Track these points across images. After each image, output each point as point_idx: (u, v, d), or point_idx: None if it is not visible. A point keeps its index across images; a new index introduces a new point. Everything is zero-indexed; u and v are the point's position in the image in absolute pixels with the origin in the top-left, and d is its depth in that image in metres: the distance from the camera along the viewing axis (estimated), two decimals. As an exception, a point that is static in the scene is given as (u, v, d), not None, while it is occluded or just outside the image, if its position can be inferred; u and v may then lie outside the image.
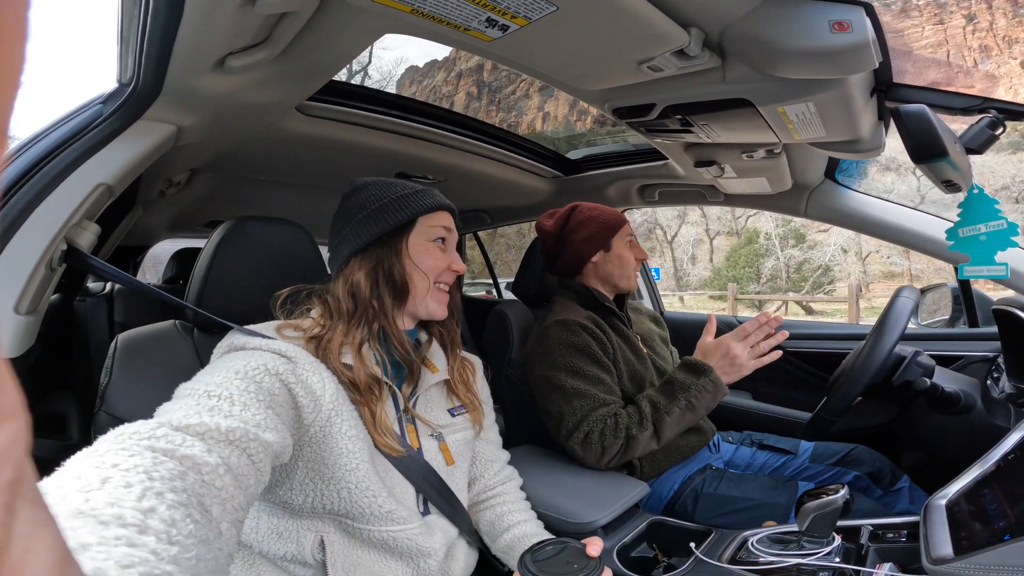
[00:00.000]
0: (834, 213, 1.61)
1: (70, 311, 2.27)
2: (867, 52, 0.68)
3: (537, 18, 0.66)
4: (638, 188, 1.95)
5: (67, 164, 0.90)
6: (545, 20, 0.66)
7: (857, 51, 0.68)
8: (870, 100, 0.94)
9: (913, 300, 1.17)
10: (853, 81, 0.81)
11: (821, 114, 0.92)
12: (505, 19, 0.66)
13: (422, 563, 0.75)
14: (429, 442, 0.82)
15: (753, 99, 0.88)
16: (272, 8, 0.60)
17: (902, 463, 1.33)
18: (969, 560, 0.63)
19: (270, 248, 0.97)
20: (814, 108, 0.88)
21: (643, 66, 0.80)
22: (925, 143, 0.74)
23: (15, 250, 0.86)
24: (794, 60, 0.73)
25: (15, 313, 0.87)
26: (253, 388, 0.59)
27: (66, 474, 0.37)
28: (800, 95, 0.84)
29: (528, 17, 0.66)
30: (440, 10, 0.64)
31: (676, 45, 0.73)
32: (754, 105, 0.90)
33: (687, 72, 0.83)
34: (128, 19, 0.74)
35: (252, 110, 1.06)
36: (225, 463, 0.47)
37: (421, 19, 0.66)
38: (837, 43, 0.67)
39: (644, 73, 0.83)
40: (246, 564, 0.72)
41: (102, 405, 0.83)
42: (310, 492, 0.68)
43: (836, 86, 0.81)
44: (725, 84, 0.87)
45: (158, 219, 2.47)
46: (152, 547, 0.32)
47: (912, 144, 0.75)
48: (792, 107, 0.89)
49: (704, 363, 1.14)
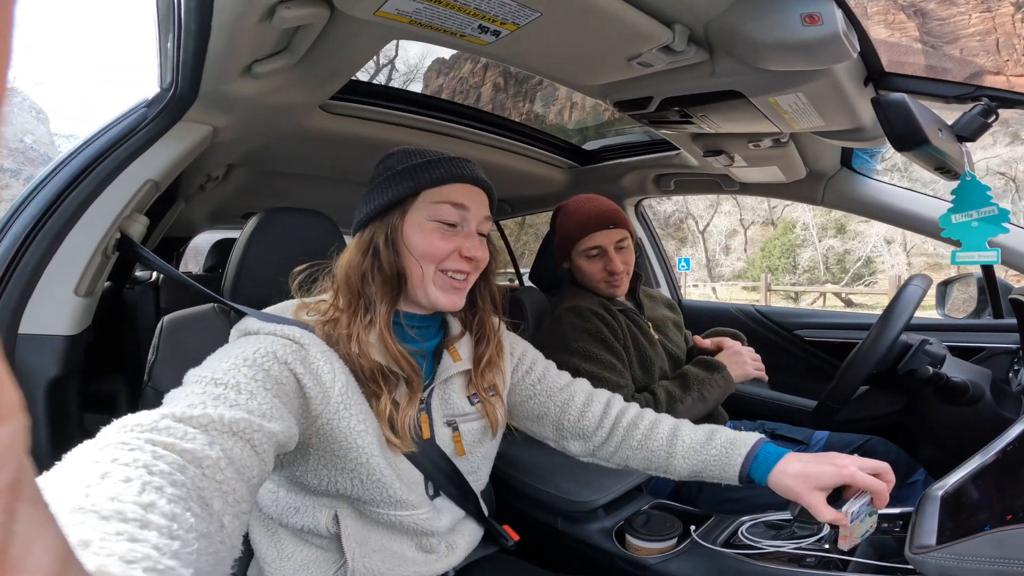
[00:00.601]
0: (852, 202, 1.60)
1: (120, 298, 2.45)
2: (839, 44, 0.71)
3: (524, 23, 0.72)
4: (653, 178, 1.97)
5: (119, 162, 1.01)
6: (531, 25, 0.72)
7: (830, 43, 0.71)
8: (865, 89, 0.95)
9: (922, 288, 1.16)
10: (840, 71, 0.84)
11: (814, 104, 0.94)
12: (495, 25, 0.72)
13: (425, 540, 0.77)
14: (443, 430, 0.79)
15: (743, 91, 0.92)
16: (287, 23, 0.68)
17: (919, 456, 1.32)
18: (947, 550, 0.63)
19: (299, 237, 1.03)
20: (805, 98, 0.91)
21: (633, 62, 0.85)
22: (906, 131, 0.76)
23: (75, 239, 0.98)
24: (772, 53, 0.76)
25: (75, 295, 0.99)
26: (260, 376, 0.57)
27: (66, 468, 0.37)
28: (788, 86, 0.87)
29: (516, 23, 0.72)
30: (436, 20, 0.70)
31: (661, 42, 0.78)
32: (745, 96, 0.93)
33: (676, 66, 0.87)
34: (164, 32, 0.84)
35: (279, 110, 1.15)
36: (227, 456, 0.47)
37: (420, 28, 0.73)
38: (809, 35, 0.70)
39: (636, 68, 0.87)
40: (268, 532, 0.75)
41: (149, 380, 0.92)
42: (323, 477, 0.68)
43: (822, 76, 0.84)
44: (715, 77, 0.90)
45: (199, 212, 2.62)
46: (154, 542, 0.32)
47: (892, 132, 0.78)
48: (783, 98, 0.92)
49: (718, 361, 1.29)
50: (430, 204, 0.72)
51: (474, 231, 0.75)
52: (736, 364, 1.30)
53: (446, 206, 0.72)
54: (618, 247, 1.35)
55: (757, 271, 18.68)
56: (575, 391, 0.91)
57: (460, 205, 0.73)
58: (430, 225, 0.72)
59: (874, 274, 17.65)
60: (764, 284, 14.70)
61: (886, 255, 17.66)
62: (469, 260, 0.74)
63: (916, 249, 17.40)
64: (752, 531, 0.93)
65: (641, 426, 0.87)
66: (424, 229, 0.72)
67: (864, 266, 17.76)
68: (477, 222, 0.75)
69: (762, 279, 15.25)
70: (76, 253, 0.98)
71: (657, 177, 1.97)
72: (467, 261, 0.74)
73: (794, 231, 19.43)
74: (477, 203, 0.75)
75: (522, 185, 2.17)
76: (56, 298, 0.97)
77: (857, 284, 17.24)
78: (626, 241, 1.37)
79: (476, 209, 0.75)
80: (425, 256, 0.72)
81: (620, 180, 2.01)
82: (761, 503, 1.14)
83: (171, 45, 0.83)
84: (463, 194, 0.74)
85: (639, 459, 0.86)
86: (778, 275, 18.45)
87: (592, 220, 1.35)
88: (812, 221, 18.80)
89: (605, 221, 1.35)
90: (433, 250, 0.72)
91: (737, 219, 21.26)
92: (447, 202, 0.72)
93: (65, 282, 0.97)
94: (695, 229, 21.45)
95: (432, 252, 0.72)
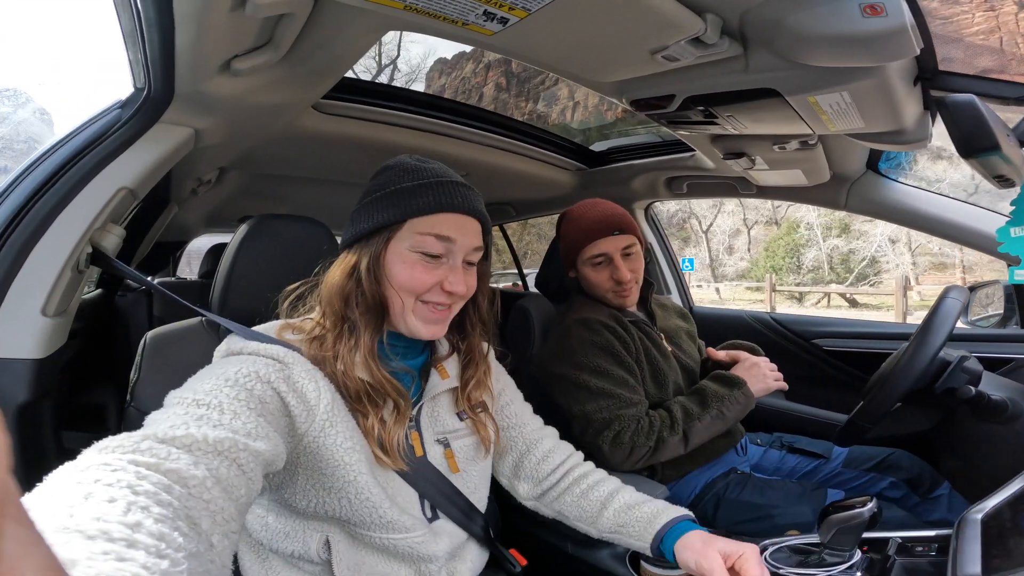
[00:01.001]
0: (877, 206, 1.54)
1: (112, 306, 2.37)
2: (904, 38, 0.62)
3: (537, 8, 0.62)
4: (665, 180, 1.89)
5: (88, 169, 0.92)
6: (546, 10, 0.62)
7: (893, 37, 0.62)
8: (913, 89, 0.86)
9: (961, 301, 1.11)
10: (892, 69, 0.74)
11: (858, 104, 0.85)
12: (503, 11, 0.63)
13: (423, 567, 0.73)
14: (435, 448, 0.78)
15: (780, 89, 0.82)
16: (262, 11, 0.59)
17: (941, 468, 1.27)
18: None
19: (291, 245, 0.97)
20: (849, 98, 0.82)
21: (657, 56, 0.76)
22: (974, 135, 0.67)
23: (41, 255, 0.89)
24: (822, 47, 0.67)
25: (42, 315, 0.90)
26: (244, 396, 0.57)
27: (47, 490, 0.37)
28: (832, 84, 0.78)
29: (527, 8, 0.62)
30: (435, 6, 0.61)
31: (691, 33, 0.69)
32: (781, 95, 0.84)
33: (706, 61, 0.78)
34: (128, 26, 0.75)
35: (266, 110, 1.06)
36: (213, 475, 0.46)
37: (417, 16, 0.63)
38: (870, 28, 0.61)
39: (659, 63, 0.78)
40: (260, 559, 0.73)
41: (132, 401, 0.86)
42: (312, 498, 0.67)
43: (873, 74, 0.74)
44: (748, 73, 0.81)
45: (193, 215, 2.55)
46: (142, 561, 0.32)
47: (960, 137, 0.69)
48: (825, 97, 0.83)
49: (737, 376, 1.21)
50: (415, 235, 0.70)
51: (459, 264, 0.72)
52: (756, 378, 1.23)
53: (430, 238, 0.69)
54: (625, 254, 1.28)
55: (761, 271, 18.58)
56: (543, 436, 0.92)
57: (446, 238, 0.70)
58: (412, 257, 0.70)
59: (879, 274, 17.54)
60: (768, 284, 14.58)
61: (891, 255, 17.54)
62: (450, 295, 0.71)
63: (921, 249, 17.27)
64: (776, 556, 0.87)
65: (585, 482, 0.88)
66: (406, 261, 0.70)
67: (869, 266, 17.65)
68: (465, 253, 0.72)
69: (766, 279, 15.12)
70: (43, 270, 0.90)
71: (669, 180, 1.89)
72: (448, 295, 0.72)
73: (798, 231, 19.33)
74: (466, 233, 0.72)
75: (527, 188, 2.09)
76: (21, 319, 0.89)
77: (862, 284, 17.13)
78: (634, 247, 1.29)
79: (464, 240, 0.72)
80: (404, 288, 0.70)
81: (630, 183, 1.92)
82: (781, 524, 1.10)
83: (137, 38, 0.74)
84: (451, 226, 0.70)
85: (573, 508, 0.87)
86: (782, 275, 18.36)
87: (595, 226, 1.27)
88: (816, 221, 18.70)
89: (610, 227, 1.27)
90: (414, 284, 0.70)
91: (741, 219, 21.16)
92: (432, 234, 0.69)
93: (31, 301, 0.89)
94: (698, 229, 21.37)
95: (412, 286, 0.70)
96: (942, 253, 16.69)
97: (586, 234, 1.28)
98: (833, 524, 0.79)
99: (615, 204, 1.33)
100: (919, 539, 0.84)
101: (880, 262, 17.72)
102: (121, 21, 0.74)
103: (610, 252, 1.26)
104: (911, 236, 16.83)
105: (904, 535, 0.86)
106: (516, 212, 2.56)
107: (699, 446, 1.23)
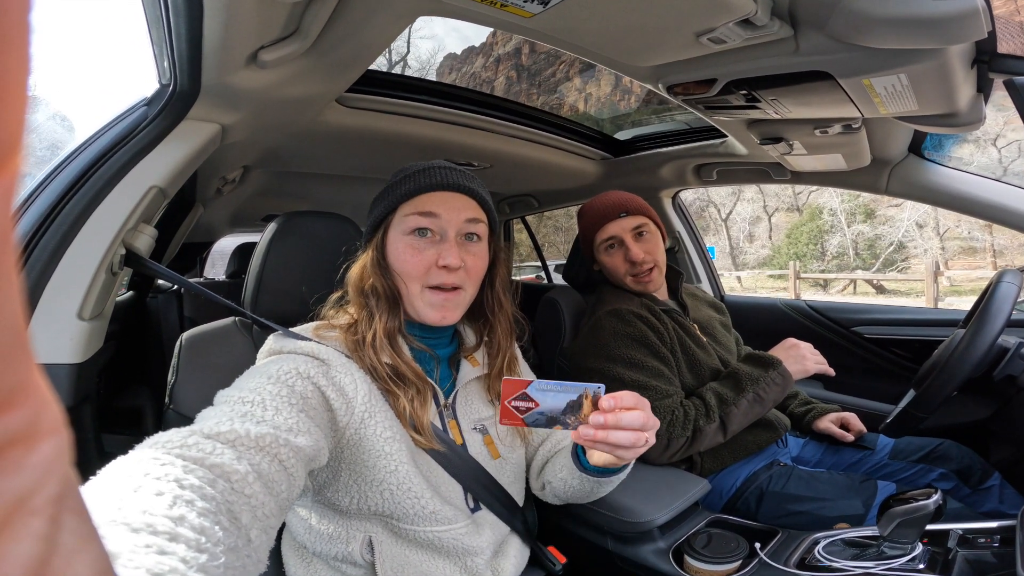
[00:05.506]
0: (919, 189, 1.47)
1: (144, 307, 2.40)
2: (975, 20, 0.58)
3: (583, -13, 0.59)
4: (694, 168, 1.84)
5: (118, 168, 0.90)
6: (592, -11, 0.59)
7: (963, 19, 0.57)
8: (971, 71, 0.80)
9: (1017, 285, 1.06)
10: (954, 51, 0.69)
11: (915, 86, 0.80)
12: (548, -9, 0.59)
13: (469, 561, 0.73)
14: (473, 436, 0.78)
15: (833, 71, 0.77)
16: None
17: (991, 458, 1.23)
18: None
19: (319, 242, 0.96)
20: (907, 80, 0.76)
21: (703, 38, 0.71)
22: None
23: (74, 257, 0.87)
24: (884, 29, 0.62)
25: (79, 319, 0.89)
26: (286, 392, 0.59)
27: (99, 483, 0.38)
28: (890, 67, 0.73)
29: (573, -13, 0.59)
30: (475, -13, 0.58)
31: (741, 14, 0.64)
32: (834, 78, 0.79)
33: (753, 43, 0.74)
34: (154, 21, 0.73)
35: (292, 104, 1.05)
36: (255, 470, 0.48)
37: None
38: (939, 10, 0.57)
39: (704, 46, 0.74)
40: (304, 562, 0.73)
41: (171, 403, 0.85)
42: (355, 494, 0.67)
43: (934, 56, 0.69)
44: (799, 56, 0.76)
45: (218, 216, 2.56)
46: (182, 555, 0.33)
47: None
48: (880, 79, 0.77)
49: (772, 355, 1.16)
50: (403, 218, 0.73)
51: (452, 238, 0.72)
52: (793, 359, 1.17)
53: (414, 216, 0.72)
54: (637, 235, 1.26)
55: (784, 258, 18.19)
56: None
57: (429, 213, 0.72)
58: (404, 240, 0.72)
59: (907, 259, 17.04)
60: (793, 272, 14.23)
61: (919, 239, 17.02)
62: (449, 270, 0.71)
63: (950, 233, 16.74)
64: (830, 550, 0.85)
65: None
66: (399, 245, 0.73)
67: (896, 251, 17.16)
68: (456, 227, 0.73)
69: (790, 267, 14.76)
70: (76, 273, 0.88)
71: (698, 167, 1.83)
72: (447, 272, 0.71)
73: (821, 217, 18.87)
74: (452, 208, 0.73)
75: (550, 178, 2.06)
76: (58, 324, 0.88)
77: (889, 270, 16.67)
78: (646, 228, 1.27)
79: (450, 214, 0.72)
80: (403, 274, 0.72)
81: (658, 171, 1.87)
82: (829, 517, 1.06)
83: (163, 33, 0.72)
84: (434, 201, 0.72)
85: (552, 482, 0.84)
86: (806, 262, 17.96)
87: (602, 212, 1.29)
88: (840, 206, 18.21)
89: (616, 210, 1.27)
90: (408, 267, 0.72)
91: (760, 206, 20.74)
92: (415, 212, 0.72)
93: (67, 305, 0.88)
94: (717, 217, 21.00)
95: (407, 269, 0.72)
96: (971, 237, 16.17)
97: (595, 222, 1.29)
98: (895, 516, 0.77)
99: (625, 192, 1.33)
100: (981, 531, 0.82)
101: (908, 247, 17.23)
102: (147, 12, 0.72)
103: (619, 234, 1.26)
104: (939, 220, 16.32)
105: (965, 527, 0.83)
106: (539, 203, 2.52)
107: (740, 439, 1.20)
